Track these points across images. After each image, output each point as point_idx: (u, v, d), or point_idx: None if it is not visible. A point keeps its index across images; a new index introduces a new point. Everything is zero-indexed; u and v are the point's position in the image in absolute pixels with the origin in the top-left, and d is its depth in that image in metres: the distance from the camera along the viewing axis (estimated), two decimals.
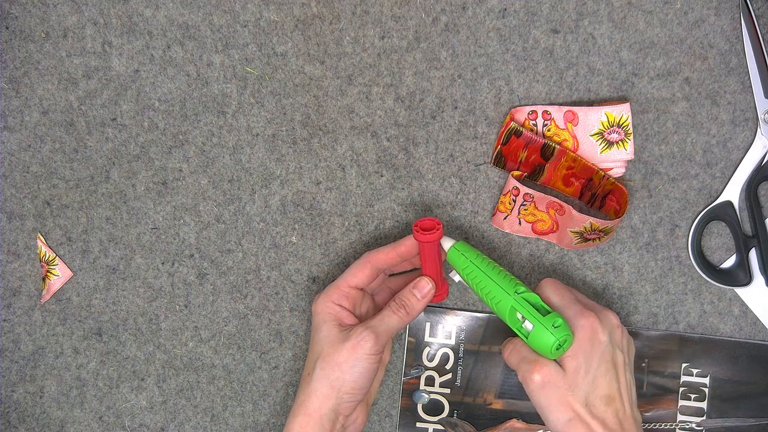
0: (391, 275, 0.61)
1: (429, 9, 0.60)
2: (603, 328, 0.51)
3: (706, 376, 0.62)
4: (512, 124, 0.59)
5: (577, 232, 0.58)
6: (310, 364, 0.55)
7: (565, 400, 0.50)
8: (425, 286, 0.56)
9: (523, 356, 0.52)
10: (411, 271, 0.61)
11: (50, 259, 0.62)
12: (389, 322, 0.54)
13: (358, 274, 0.56)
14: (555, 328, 0.49)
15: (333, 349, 0.53)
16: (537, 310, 0.51)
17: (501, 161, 0.60)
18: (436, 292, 0.56)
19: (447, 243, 0.55)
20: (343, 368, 0.53)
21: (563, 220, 0.59)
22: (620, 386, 0.51)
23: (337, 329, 0.54)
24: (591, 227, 0.57)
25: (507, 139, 0.59)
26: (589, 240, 0.59)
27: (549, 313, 0.50)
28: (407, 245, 0.56)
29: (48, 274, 0.63)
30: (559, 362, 0.51)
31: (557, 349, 0.50)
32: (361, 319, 0.56)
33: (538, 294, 0.54)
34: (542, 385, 0.50)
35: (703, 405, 0.62)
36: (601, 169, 0.59)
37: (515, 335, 0.54)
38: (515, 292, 0.51)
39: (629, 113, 0.59)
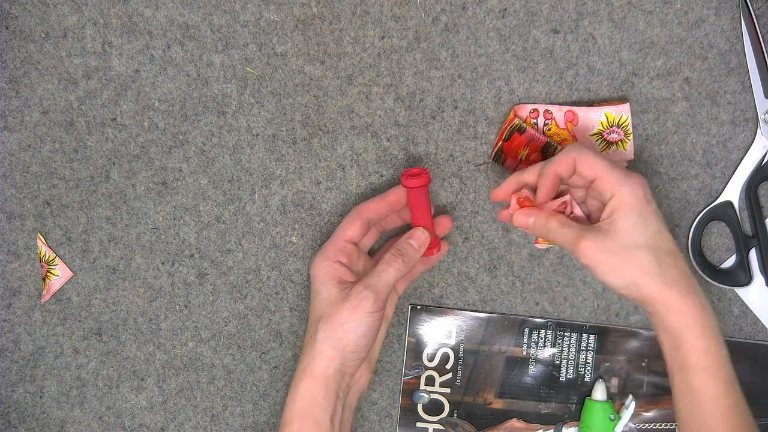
0: (390, 238, 0.61)
1: (429, 9, 0.60)
2: (650, 190, 0.51)
3: None
4: (516, 120, 0.59)
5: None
6: (312, 326, 0.55)
7: (625, 260, 0.49)
8: (421, 235, 0.56)
9: (569, 227, 0.51)
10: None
11: (50, 259, 0.62)
12: (386, 277, 0.54)
13: (351, 227, 0.56)
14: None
15: (334, 309, 0.53)
16: None
17: (501, 158, 0.60)
18: (430, 243, 0.56)
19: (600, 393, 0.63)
20: (346, 328, 0.53)
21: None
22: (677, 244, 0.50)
23: (338, 288, 0.54)
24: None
25: (509, 136, 0.59)
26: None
27: None
28: (396, 193, 0.57)
29: (48, 274, 0.63)
30: (612, 224, 0.49)
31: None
32: (359, 277, 0.56)
33: (568, 165, 0.52)
34: (597, 250, 0.49)
35: None
36: None
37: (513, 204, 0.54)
38: None
39: (629, 113, 0.59)
